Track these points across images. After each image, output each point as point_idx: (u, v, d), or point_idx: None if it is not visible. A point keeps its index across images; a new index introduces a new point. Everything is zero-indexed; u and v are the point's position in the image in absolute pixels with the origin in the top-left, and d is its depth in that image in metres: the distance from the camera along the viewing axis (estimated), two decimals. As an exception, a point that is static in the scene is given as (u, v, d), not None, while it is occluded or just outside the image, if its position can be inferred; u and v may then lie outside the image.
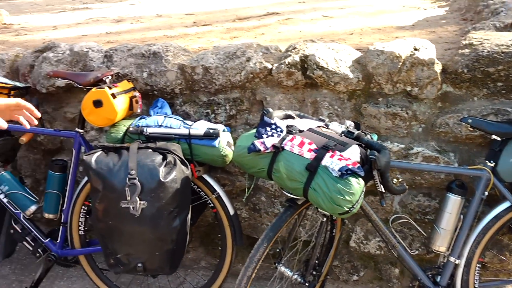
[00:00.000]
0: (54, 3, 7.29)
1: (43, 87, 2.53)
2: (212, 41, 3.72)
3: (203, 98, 2.33)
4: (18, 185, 2.27)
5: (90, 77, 2.07)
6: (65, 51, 2.56)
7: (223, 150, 1.96)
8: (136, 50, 2.39)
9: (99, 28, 4.74)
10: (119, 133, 2.05)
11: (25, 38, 4.43)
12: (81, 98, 2.62)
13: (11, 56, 2.75)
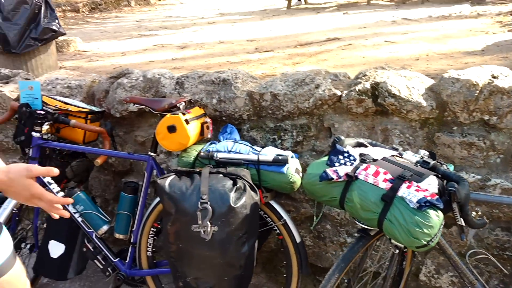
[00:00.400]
0: (122, 30, 7.69)
1: (117, 111, 2.65)
2: (274, 67, 3.78)
3: (270, 124, 2.35)
4: (92, 205, 2.37)
5: (165, 103, 2.14)
6: (138, 77, 2.67)
7: (292, 176, 1.96)
8: (207, 77, 2.46)
9: (165, 54, 4.94)
10: (190, 157, 2.10)
11: (97, 64, 4.69)
12: (151, 122, 2.75)
13: (88, 82, 2.91)
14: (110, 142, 2.46)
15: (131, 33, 7.18)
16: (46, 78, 2.96)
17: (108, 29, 8.09)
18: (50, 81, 2.90)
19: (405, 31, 4.97)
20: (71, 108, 2.45)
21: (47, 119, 2.35)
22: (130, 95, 2.61)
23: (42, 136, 2.34)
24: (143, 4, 12.80)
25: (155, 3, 13.06)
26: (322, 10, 7.86)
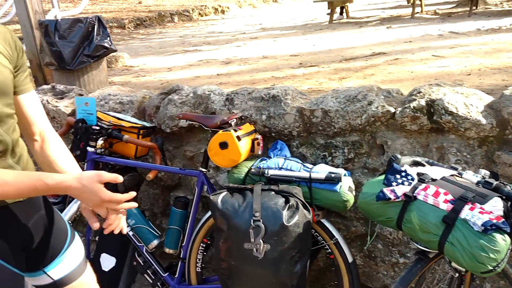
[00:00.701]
0: (166, 46, 7.88)
1: (168, 127, 2.70)
2: (320, 82, 3.76)
3: (320, 140, 2.33)
4: (143, 220, 2.40)
5: (217, 120, 2.17)
6: (188, 93, 2.72)
7: (345, 195, 1.93)
8: (256, 94, 2.47)
9: (210, 70, 5.01)
10: (241, 174, 2.10)
11: (144, 79, 4.81)
12: (199, 138, 2.78)
13: (139, 98, 2.98)
14: (161, 157, 2.50)
15: (176, 48, 7.35)
16: (99, 94, 3.06)
17: (153, 44, 8.31)
18: (103, 96, 2.99)
19: (454, 45, 4.84)
20: (124, 123, 2.52)
21: (102, 134, 2.42)
22: (181, 111, 2.65)
23: (96, 151, 2.41)
24: (185, 20, 13.10)
25: (198, 19, 13.34)
26: (364, 24, 7.80)
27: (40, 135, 1.42)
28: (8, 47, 1.30)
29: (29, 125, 1.39)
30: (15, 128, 1.33)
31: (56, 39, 3.56)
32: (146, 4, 16.66)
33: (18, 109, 1.36)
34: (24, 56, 1.38)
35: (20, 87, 1.35)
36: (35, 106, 1.40)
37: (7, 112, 1.28)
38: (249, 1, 17.07)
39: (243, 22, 11.38)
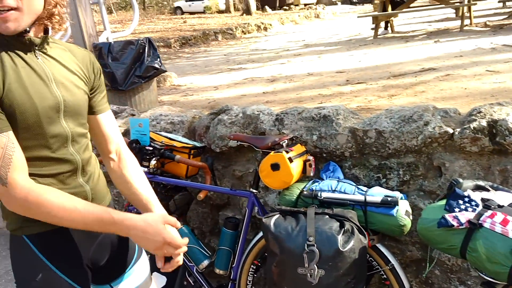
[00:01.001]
0: (211, 64, 8.02)
1: (217, 146, 2.72)
2: (369, 99, 3.69)
3: (373, 161, 2.27)
4: (194, 240, 2.42)
5: (268, 141, 2.16)
6: (238, 113, 2.73)
7: (402, 219, 1.86)
8: (306, 114, 2.45)
9: (256, 88, 5.04)
10: (293, 196, 2.07)
11: (192, 98, 4.89)
12: (248, 157, 2.78)
13: (189, 118, 3.02)
14: (211, 177, 2.51)
15: (221, 66, 7.46)
16: (151, 114, 3.13)
17: (198, 63, 8.48)
18: (155, 117, 3.05)
19: (509, 59, 4.65)
20: (176, 143, 2.56)
21: (155, 154, 2.46)
22: (230, 131, 2.67)
23: (149, 170, 2.45)
24: (229, 38, 13.32)
25: (241, 37, 13.53)
26: (411, 39, 7.65)
27: (116, 153, 1.46)
28: (85, 69, 1.36)
29: (106, 143, 1.44)
30: (87, 147, 1.38)
31: (109, 61, 3.69)
32: (190, 24, 17.11)
33: (96, 128, 1.42)
34: (101, 77, 1.45)
35: (97, 107, 1.41)
36: (111, 125, 1.46)
37: (79, 131, 1.33)
38: (291, 17, 17.19)
39: (286, 39, 11.44)
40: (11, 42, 1.19)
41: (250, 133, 2.66)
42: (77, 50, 1.38)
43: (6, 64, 1.16)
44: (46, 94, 1.21)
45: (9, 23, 1.12)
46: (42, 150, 1.22)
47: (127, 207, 2.63)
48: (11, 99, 1.14)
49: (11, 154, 1.12)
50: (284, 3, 25.62)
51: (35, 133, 1.20)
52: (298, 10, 21.28)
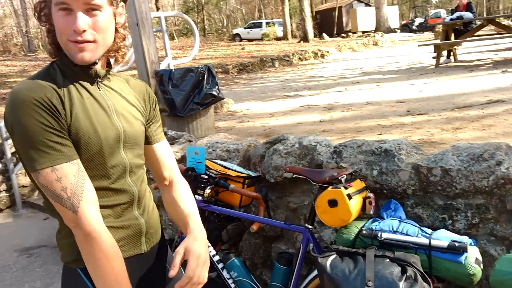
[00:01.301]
0: (268, 91, 8.07)
1: (272, 177, 2.67)
2: (432, 132, 3.53)
3: (438, 201, 2.13)
4: (246, 273, 2.35)
5: (326, 175, 2.08)
6: (294, 144, 2.68)
7: (472, 268, 1.70)
8: (366, 147, 2.35)
9: (312, 116, 4.99)
10: (351, 234, 1.97)
11: (248, 124, 4.90)
12: (303, 189, 2.70)
13: (245, 146, 3.01)
14: (264, 208, 2.46)
15: (277, 93, 7.48)
16: (207, 141, 3.14)
17: (255, 89, 8.57)
18: (211, 144, 3.06)
19: None
20: (231, 172, 2.54)
21: (209, 183, 2.45)
22: (286, 162, 2.61)
23: (203, 199, 2.43)
24: (286, 65, 13.41)
25: (298, 64, 13.59)
26: (476, 68, 7.33)
27: (169, 179, 1.47)
28: (142, 100, 1.39)
29: (161, 170, 1.45)
30: (143, 179, 1.38)
31: (170, 87, 3.77)
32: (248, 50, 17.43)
33: (151, 157, 1.43)
34: (157, 108, 1.46)
35: (153, 137, 1.42)
36: (166, 153, 1.46)
37: (137, 162, 1.33)
38: (348, 45, 17.10)
39: (343, 66, 11.35)
40: (78, 73, 1.22)
41: (306, 165, 2.59)
42: (134, 82, 1.41)
43: (73, 95, 1.19)
44: (109, 125, 1.23)
45: (85, 53, 1.16)
46: (102, 180, 1.23)
47: (180, 234, 2.62)
48: (77, 128, 1.16)
49: (83, 182, 1.13)
50: (342, 30, 25.59)
51: (97, 163, 1.21)
52: (356, 38, 21.15)
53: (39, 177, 1.10)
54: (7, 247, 4.24)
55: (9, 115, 1.11)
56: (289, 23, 24.88)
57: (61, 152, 1.11)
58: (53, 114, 1.11)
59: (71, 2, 1.12)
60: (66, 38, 1.15)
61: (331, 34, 24.32)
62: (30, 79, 1.16)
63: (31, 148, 1.09)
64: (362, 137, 3.57)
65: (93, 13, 1.16)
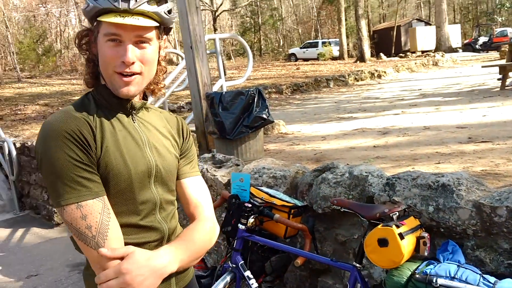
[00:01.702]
0: (321, 112, 7.94)
1: (320, 207, 2.55)
2: (496, 163, 3.26)
3: (503, 244, 1.92)
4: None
5: (377, 211, 1.94)
6: (344, 173, 2.55)
7: (542, 326, 1.50)
8: (422, 180, 2.18)
9: (366, 140, 4.81)
10: (402, 277, 1.81)
11: (298, 148, 4.80)
12: (353, 222, 2.56)
13: (292, 173, 2.91)
14: (310, 240, 2.34)
15: (330, 115, 7.34)
16: (254, 166, 3.07)
17: (308, 110, 8.46)
18: (258, 169, 2.99)
19: None
20: (276, 201, 2.45)
21: (253, 212, 2.37)
22: (335, 192, 2.49)
23: (247, 228, 2.35)
24: (341, 85, 13.22)
25: (353, 84, 13.36)
26: (547, 91, 6.83)
27: (193, 217, 1.35)
28: (176, 133, 1.34)
29: (186, 207, 1.36)
30: (173, 215, 1.32)
31: (220, 110, 3.76)
32: (303, 70, 17.39)
33: (179, 191, 1.35)
34: (190, 140, 1.40)
35: (183, 171, 1.34)
36: (196, 190, 1.36)
37: (168, 198, 1.27)
38: (407, 65, 16.63)
39: (401, 87, 11.02)
40: (114, 105, 1.20)
41: (357, 196, 2.45)
42: (168, 115, 1.37)
43: (105, 127, 1.16)
44: (140, 159, 1.19)
45: (131, 87, 1.15)
46: (131, 217, 1.18)
47: (223, 263, 2.55)
48: (107, 162, 1.12)
49: (108, 220, 1.09)
50: (400, 50, 25.00)
51: (126, 198, 1.16)
52: (414, 57, 20.56)
53: (64, 213, 1.07)
54: (61, 261, 4.35)
55: (39, 146, 1.09)
56: (346, 43, 24.65)
57: (88, 188, 1.08)
58: (83, 147, 1.09)
59: (122, 33, 1.11)
60: (112, 70, 1.14)
61: (389, 54, 23.82)
62: (63, 110, 1.15)
63: (57, 182, 1.06)
64: (418, 166, 3.37)
65: (142, 46, 1.15)
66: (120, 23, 1.09)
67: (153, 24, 1.14)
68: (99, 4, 1.11)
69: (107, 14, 1.11)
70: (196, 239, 1.24)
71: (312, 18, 37.64)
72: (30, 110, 10.70)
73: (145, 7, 1.12)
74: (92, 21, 1.16)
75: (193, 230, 1.27)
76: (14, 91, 15.32)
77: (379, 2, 33.87)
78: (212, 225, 1.32)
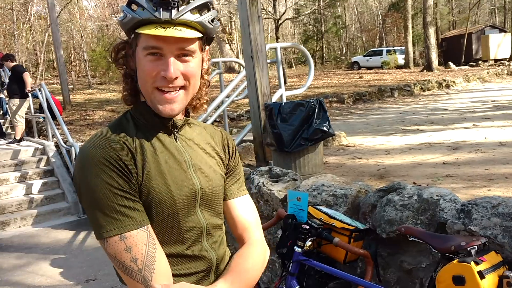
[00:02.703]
0: (385, 123, 7.60)
1: (384, 231, 2.35)
2: None
3: None
4: None
5: (452, 244, 1.72)
6: (411, 195, 2.33)
7: None
8: (504, 209, 1.93)
9: (433, 156, 4.50)
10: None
11: (360, 162, 4.57)
12: (421, 248, 2.33)
13: (354, 192, 2.72)
14: (372, 268, 2.15)
15: (394, 127, 7.00)
16: (313, 183, 2.91)
17: (370, 121, 8.14)
18: (316, 186, 2.83)
19: None
20: (336, 223, 2.28)
21: (311, 234, 2.21)
22: (401, 215, 2.28)
23: (304, 252, 2.20)
24: (406, 95, 12.69)
25: (419, 94, 12.78)
26: None
27: (243, 240, 1.24)
28: (221, 150, 1.23)
29: (234, 230, 1.25)
30: (222, 241, 1.21)
31: (278, 121, 3.64)
32: (366, 79, 16.92)
33: (227, 213, 1.24)
34: (236, 157, 1.28)
35: (233, 191, 1.24)
36: (244, 211, 1.25)
37: (215, 223, 1.16)
38: (478, 74, 15.73)
39: (471, 98, 10.38)
40: (154, 124, 1.10)
41: (426, 221, 2.23)
42: (212, 130, 1.26)
43: (146, 149, 1.07)
44: (184, 182, 1.09)
45: (175, 105, 1.05)
46: (176, 246, 1.08)
47: (277, 286, 2.41)
48: (149, 188, 1.03)
49: (154, 252, 1.00)
50: (471, 58, 23.70)
51: (170, 227, 1.07)
52: (487, 67, 19.42)
53: (107, 245, 0.98)
54: (118, 268, 4.39)
55: (77, 174, 1.01)
56: (412, 51, 23.74)
57: (130, 217, 0.98)
58: (123, 174, 1.00)
59: (164, 46, 1.01)
60: (152, 86, 1.04)
61: (458, 63, 22.65)
62: (100, 133, 1.06)
63: (98, 212, 0.98)
64: (495, 188, 3.06)
65: (185, 59, 1.04)
66: (162, 35, 0.98)
67: (196, 35, 1.03)
68: (138, 15, 1.01)
69: (146, 25, 1.01)
70: (250, 268, 1.14)
71: (377, 25, 36.74)
72: (97, 116, 11.16)
73: (188, 17, 1.01)
74: (129, 33, 1.07)
75: (246, 258, 1.16)
76: (85, 97, 16.11)
77: (449, 9, 32.38)
78: (263, 249, 1.22)
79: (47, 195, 6.26)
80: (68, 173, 6.62)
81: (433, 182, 3.37)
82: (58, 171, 6.65)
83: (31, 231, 5.54)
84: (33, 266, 4.32)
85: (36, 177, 6.65)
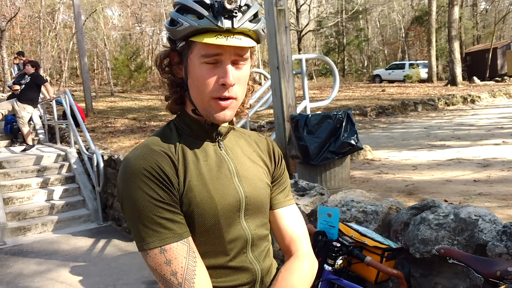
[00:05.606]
0: (410, 138, 7.45)
1: (418, 251, 2.24)
2: None
3: None
4: None
5: (497, 269, 1.61)
6: (447, 214, 2.22)
7: None
8: (551, 232, 1.81)
9: (463, 173, 4.35)
10: None
11: (387, 177, 4.45)
12: (457, 271, 2.21)
13: (385, 209, 2.61)
14: (406, 289, 2.04)
15: (420, 141, 6.85)
16: (342, 198, 2.82)
17: (395, 135, 8.00)
18: (346, 202, 2.74)
19: None
20: (367, 241, 2.18)
21: (342, 252, 2.12)
22: (437, 235, 2.17)
23: (334, 270, 2.11)
24: (430, 110, 12.48)
25: (443, 108, 12.55)
26: None
27: (290, 252, 1.18)
28: (267, 158, 1.19)
29: (281, 241, 1.19)
30: (268, 253, 1.15)
31: (304, 134, 3.56)
32: (389, 92, 16.72)
33: (273, 223, 1.19)
34: (282, 165, 1.23)
35: (279, 200, 1.19)
36: (291, 221, 1.19)
37: (260, 233, 1.11)
38: (504, 90, 15.41)
39: (498, 113, 10.14)
40: (198, 133, 1.08)
41: (463, 242, 2.11)
42: (257, 137, 1.22)
43: (188, 159, 1.03)
44: (227, 191, 1.04)
45: (227, 111, 1.03)
46: (219, 258, 1.04)
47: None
48: (191, 198, 1.00)
49: (194, 266, 0.96)
50: (496, 73, 23.27)
51: (213, 237, 1.03)
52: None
53: (148, 258, 0.96)
54: (137, 277, 4.35)
55: (119, 185, 1.00)
56: (435, 65, 23.43)
57: (171, 230, 0.96)
58: (164, 185, 0.97)
59: (224, 52, 0.98)
60: (209, 95, 1.01)
61: (483, 78, 22.26)
62: (143, 144, 1.04)
63: (139, 224, 0.96)
64: (533, 208, 2.92)
65: (239, 66, 1.02)
66: (222, 44, 0.96)
67: (253, 43, 1.01)
68: (199, 24, 0.97)
69: (204, 34, 0.98)
70: (297, 283, 1.09)
71: (399, 39, 36.47)
72: (119, 124, 11.24)
73: (247, 26, 0.99)
74: (180, 41, 1.03)
75: (293, 272, 1.11)
76: (107, 104, 16.29)
77: (474, 23, 31.94)
78: (311, 264, 1.16)
79: (68, 201, 6.28)
80: (89, 180, 6.64)
81: (465, 201, 3.23)
82: (80, 178, 6.67)
83: (52, 237, 5.54)
84: (53, 273, 4.30)
85: (57, 183, 6.68)
